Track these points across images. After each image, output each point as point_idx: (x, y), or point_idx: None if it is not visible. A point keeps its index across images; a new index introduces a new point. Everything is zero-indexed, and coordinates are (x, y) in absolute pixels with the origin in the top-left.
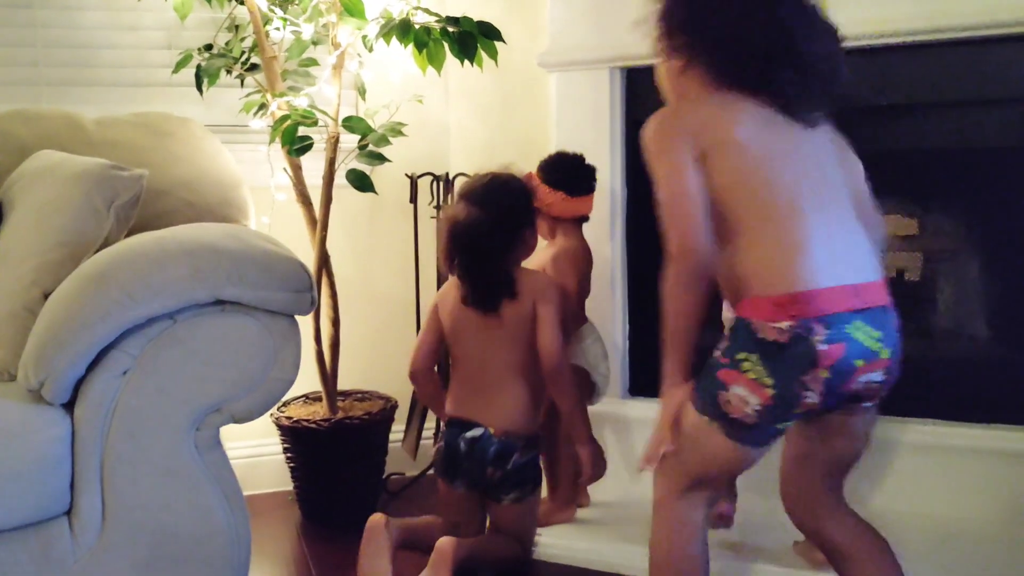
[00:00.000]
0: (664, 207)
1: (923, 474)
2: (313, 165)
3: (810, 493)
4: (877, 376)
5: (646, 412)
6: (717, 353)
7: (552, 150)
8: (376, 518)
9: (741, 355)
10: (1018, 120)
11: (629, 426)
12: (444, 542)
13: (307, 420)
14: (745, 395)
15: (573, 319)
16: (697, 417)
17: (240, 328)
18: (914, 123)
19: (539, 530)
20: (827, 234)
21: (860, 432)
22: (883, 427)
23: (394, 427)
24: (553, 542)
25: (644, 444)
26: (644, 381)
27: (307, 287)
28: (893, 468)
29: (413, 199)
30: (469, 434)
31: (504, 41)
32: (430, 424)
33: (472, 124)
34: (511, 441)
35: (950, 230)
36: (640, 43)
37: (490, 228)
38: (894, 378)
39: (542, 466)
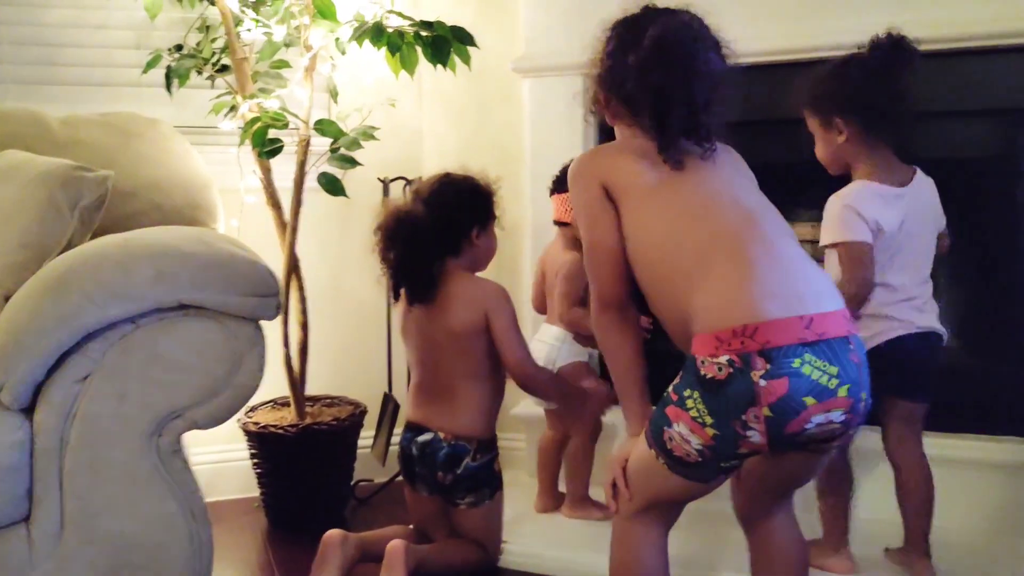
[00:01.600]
0: (585, 256)
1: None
2: (284, 168)
3: (751, 498)
4: (836, 416)
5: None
6: (670, 388)
7: (526, 156)
8: (331, 534)
9: (686, 392)
10: (994, 131)
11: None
12: (394, 544)
13: (274, 426)
14: (686, 434)
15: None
16: (645, 449)
17: (204, 333)
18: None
19: (506, 537)
20: (770, 265)
21: (813, 469)
22: (865, 438)
23: (363, 433)
24: (521, 550)
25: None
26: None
27: (272, 292)
28: (874, 476)
29: None
30: (420, 438)
31: (478, 46)
32: (400, 430)
33: (445, 128)
34: (462, 445)
35: None
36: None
37: (429, 223)
38: (860, 418)
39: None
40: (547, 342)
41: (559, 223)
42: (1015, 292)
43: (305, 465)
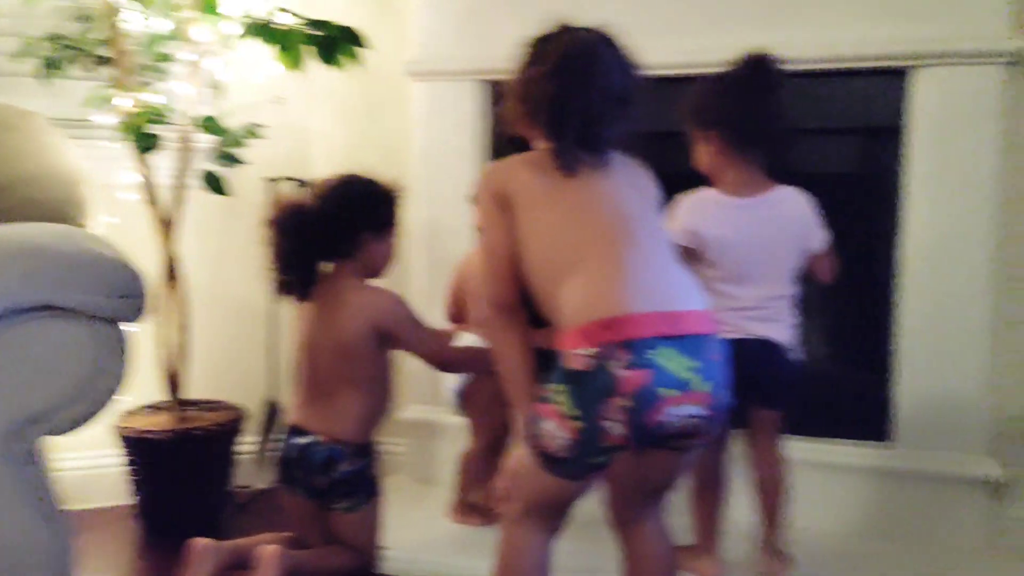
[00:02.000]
0: (481, 260)
1: None
2: (166, 165)
3: (620, 500)
4: (695, 410)
5: None
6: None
7: (416, 159)
8: (198, 542)
9: (553, 387)
10: (860, 149)
11: None
12: (267, 550)
13: (150, 430)
14: (554, 429)
15: None
16: (523, 448)
17: (67, 334)
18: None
19: (384, 542)
20: (639, 266)
21: (677, 470)
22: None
23: (244, 438)
24: (400, 555)
25: None
26: None
27: (138, 293)
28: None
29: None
30: (300, 441)
31: (367, 47)
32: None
33: (335, 129)
34: (339, 449)
35: None
36: (508, 58)
37: (318, 219)
38: (720, 414)
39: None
40: None
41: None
42: (876, 303)
43: (181, 471)
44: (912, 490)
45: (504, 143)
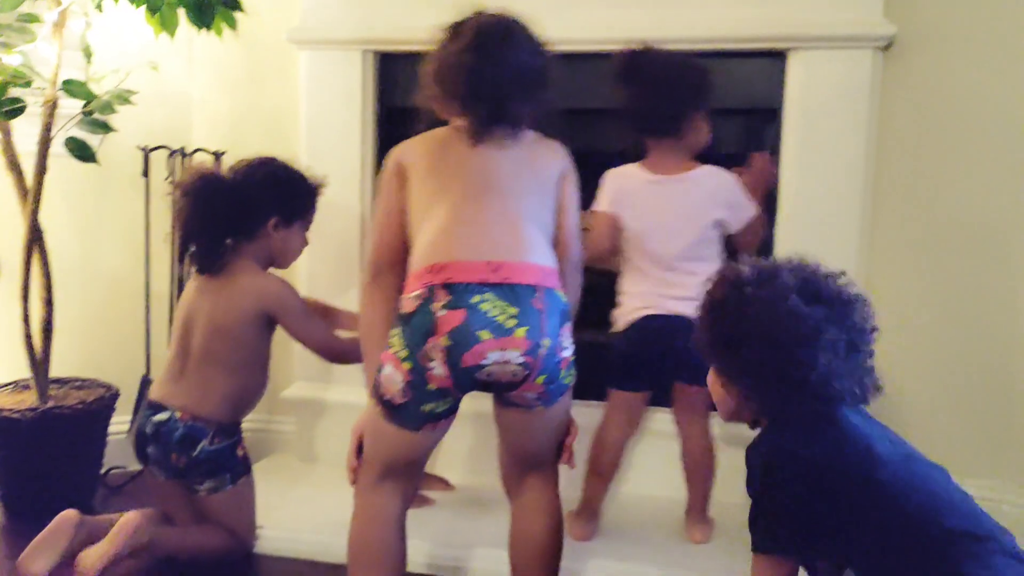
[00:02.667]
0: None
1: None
2: (29, 130)
3: (505, 469)
4: (513, 356)
5: None
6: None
7: (301, 130)
8: (68, 514)
9: (392, 331)
10: (745, 128)
11: None
12: (128, 515)
13: (9, 410)
14: (391, 373)
15: None
16: (370, 402)
17: None
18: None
19: (261, 522)
20: (476, 220)
21: (533, 430)
22: (652, 419)
23: (117, 418)
24: (278, 535)
25: None
26: None
27: None
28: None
29: (146, 173)
30: (156, 417)
31: (243, 10)
32: None
33: (217, 97)
34: (199, 427)
35: None
36: (396, 28)
37: (227, 193)
38: (541, 365)
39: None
40: None
41: None
42: None
43: (46, 452)
44: None
45: (389, 115)
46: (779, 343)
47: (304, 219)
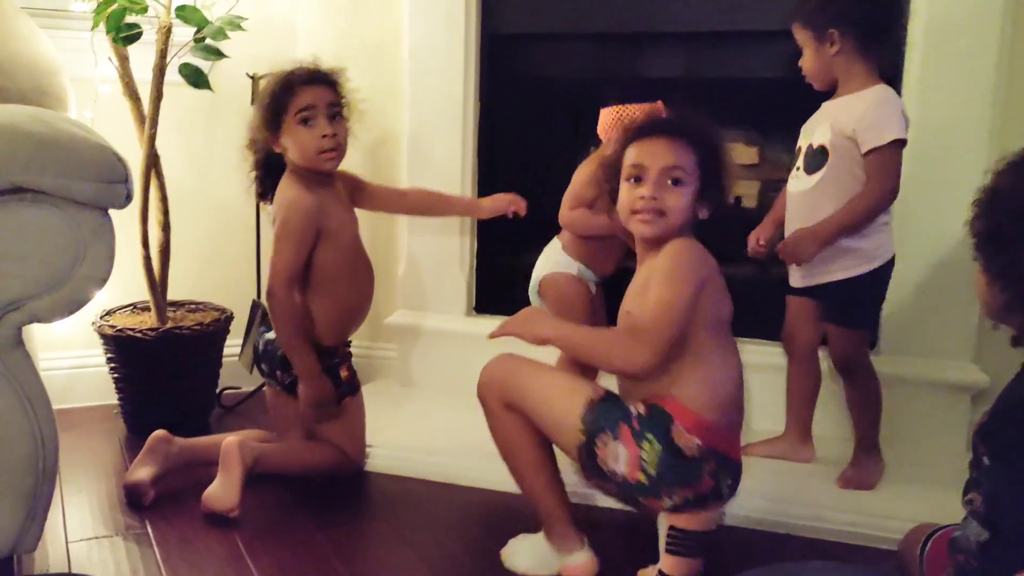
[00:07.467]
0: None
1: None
2: (143, 58)
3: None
4: None
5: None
6: (634, 414)
7: (404, 58)
8: (157, 434)
9: (649, 436)
10: None
11: (471, 343)
12: (227, 442)
13: (132, 329)
14: (621, 457)
15: None
16: (578, 418)
17: (42, 220)
18: (756, 51)
19: (371, 441)
20: None
21: None
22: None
23: (230, 340)
24: (387, 453)
25: (485, 361)
26: (488, 299)
27: (121, 178)
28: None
29: (253, 101)
30: (267, 335)
31: None
32: None
33: (320, 26)
34: None
35: (788, 160)
36: None
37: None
38: None
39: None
40: (546, 251)
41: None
42: None
43: (165, 371)
44: (895, 396)
45: (493, 42)
46: None
47: (284, 116)
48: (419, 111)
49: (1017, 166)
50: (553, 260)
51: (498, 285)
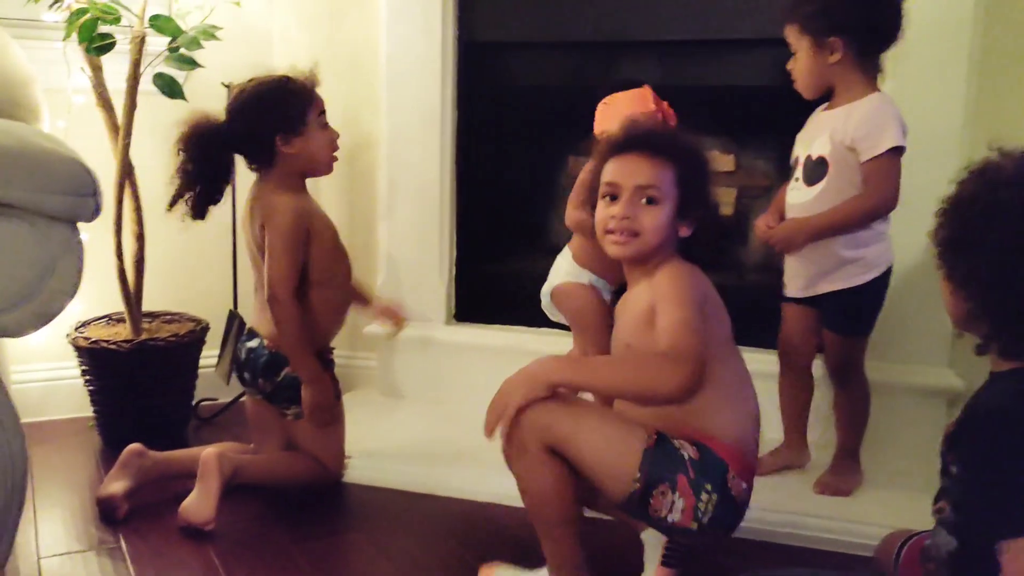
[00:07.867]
0: None
1: None
2: (117, 68)
3: None
4: None
5: (469, 338)
6: (687, 459)
7: (381, 65)
8: (132, 447)
9: (708, 486)
10: None
11: (452, 351)
12: (206, 453)
13: (107, 341)
14: (677, 507)
15: None
16: (633, 467)
17: (11, 233)
18: (731, 59)
19: (349, 452)
20: None
21: None
22: None
23: (207, 351)
24: (365, 464)
25: (468, 369)
26: (468, 307)
27: (90, 191)
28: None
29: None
30: (249, 343)
31: None
32: None
33: (297, 34)
34: (282, 355)
35: (763, 167)
36: None
37: (225, 134)
38: None
39: None
40: (557, 260)
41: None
42: None
43: (141, 383)
44: (872, 401)
45: (470, 50)
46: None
47: (308, 118)
48: (396, 118)
49: (978, 175)
50: (564, 270)
51: (478, 293)
